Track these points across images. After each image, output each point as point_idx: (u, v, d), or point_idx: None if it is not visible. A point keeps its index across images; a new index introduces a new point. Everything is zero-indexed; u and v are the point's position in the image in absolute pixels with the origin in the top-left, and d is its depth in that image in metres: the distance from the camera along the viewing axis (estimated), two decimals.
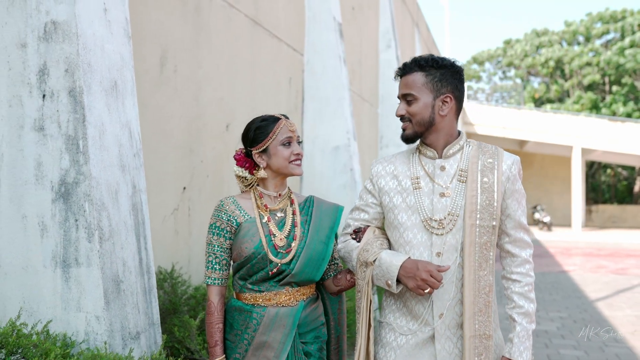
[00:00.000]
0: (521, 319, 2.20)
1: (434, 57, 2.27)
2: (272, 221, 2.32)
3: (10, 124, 2.72)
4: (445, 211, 2.20)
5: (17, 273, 2.67)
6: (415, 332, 2.22)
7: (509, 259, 2.27)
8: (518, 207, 2.25)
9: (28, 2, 2.73)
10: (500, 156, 2.26)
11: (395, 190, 2.30)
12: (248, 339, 2.27)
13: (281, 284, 2.28)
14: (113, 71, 2.87)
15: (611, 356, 5.76)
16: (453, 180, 2.24)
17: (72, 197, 2.61)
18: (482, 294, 2.16)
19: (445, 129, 2.26)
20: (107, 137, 2.74)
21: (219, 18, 5.07)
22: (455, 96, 2.25)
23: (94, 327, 2.56)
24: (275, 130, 2.32)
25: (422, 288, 2.09)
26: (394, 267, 2.14)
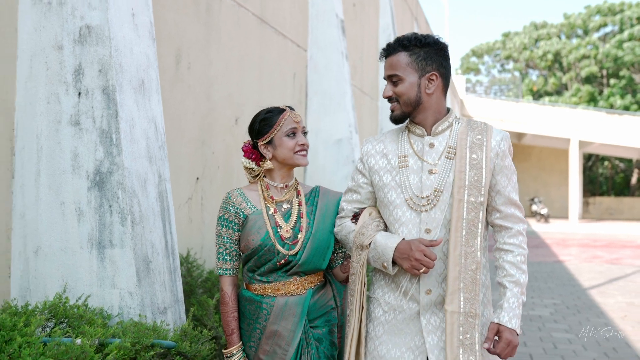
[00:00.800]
0: (512, 287, 2.17)
1: (417, 35, 2.26)
2: (279, 213, 2.36)
3: (48, 119, 2.99)
4: (431, 188, 2.20)
5: (56, 254, 2.95)
6: (402, 307, 2.23)
7: (503, 232, 2.25)
8: (508, 184, 2.23)
9: (64, 8, 3.00)
10: (489, 132, 2.25)
11: (384, 169, 2.29)
12: (260, 329, 2.32)
13: (289, 274, 2.33)
14: (140, 71, 3.14)
15: (602, 340, 6.07)
16: (441, 157, 2.24)
17: (107, 185, 2.89)
18: (469, 270, 2.14)
19: (433, 106, 2.25)
20: (136, 131, 3.02)
21: (228, 17, 5.33)
22: (440, 73, 2.25)
23: (127, 302, 2.84)
24: (279, 121, 2.36)
25: (416, 268, 2.11)
26: (389, 249, 2.16)
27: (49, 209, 2.97)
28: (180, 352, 2.50)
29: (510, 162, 2.27)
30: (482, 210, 2.17)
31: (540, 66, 38.82)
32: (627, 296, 8.64)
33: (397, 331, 2.23)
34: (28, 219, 3.00)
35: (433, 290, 2.19)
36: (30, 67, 3.03)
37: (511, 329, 2.13)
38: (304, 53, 7.34)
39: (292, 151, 2.36)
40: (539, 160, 34.23)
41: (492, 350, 2.14)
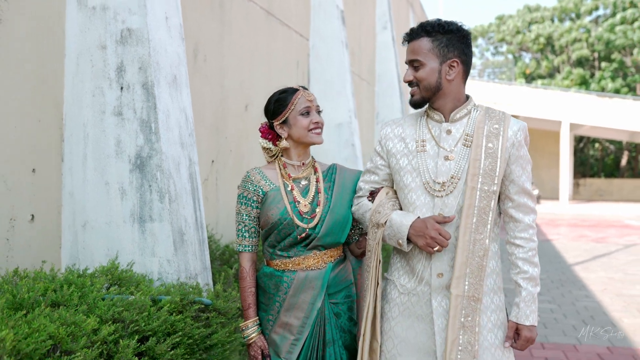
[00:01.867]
0: (526, 284, 2.22)
1: (440, 21, 2.26)
2: (296, 189, 2.41)
3: (93, 110, 3.43)
4: (448, 174, 2.22)
5: (102, 228, 3.40)
6: (416, 290, 2.26)
7: (512, 224, 2.28)
8: (522, 173, 2.25)
9: (107, 13, 3.42)
10: (506, 122, 2.25)
11: (402, 153, 2.31)
12: (280, 301, 2.37)
13: (308, 248, 2.37)
14: (173, 67, 3.58)
15: (580, 309, 6.58)
16: (458, 144, 2.25)
17: (147, 168, 3.34)
18: (476, 256, 2.17)
19: (452, 93, 2.26)
20: (171, 120, 3.46)
21: (239, 12, 5.75)
22: (462, 60, 2.25)
23: (165, 269, 3.30)
24: (293, 101, 2.41)
25: (431, 246, 2.14)
26: (404, 227, 2.19)
27: (95, 189, 3.42)
28: (216, 309, 2.96)
29: (526, 152, 2.28)
30: (494, 199, 2.20)
31: (533, 49, 39.20)
32: (609, 271, 9.18)
33: (412, 313, 2.27)
34: (76, 197, 3.45)
35: (445, 274, 2.21)
36: (77, 65, 3.47)
37: (529, 326, 2.22)
38: (306, 42, 7.76)
39: (306, 129, 2.39)
40: (531, 142, 34.37)
41: (513, 346, 2.27)
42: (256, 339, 2.39)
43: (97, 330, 2.22)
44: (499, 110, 2.29)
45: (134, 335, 2.37)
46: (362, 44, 10.96)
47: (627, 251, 11.71)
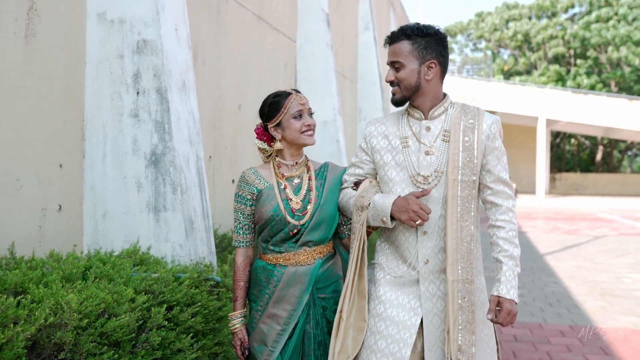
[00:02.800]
0: (507, 260, 2.30)
1: (419, 25, 2.38)
2: (289, 187, 2.50)
3: (112, 112, 3.86)
4: (431, 168, 2.35)
5: (120, 217, 3.83)
6: (403, 274, 2.38)
7: (493, 209, 2.38)
8: (498, 163, 2.37)
9: (124, 26, 3.85)
10: (481, 116, 2.38)
11: (385, 149, 2.43)
12: (269, 294, 2.47)
13: (299, 244, 2.46)
14: (182, 74, 4.01)
15: (548, 293, 7.13)
16: (437, 139, 2.37)
17: (161, 164, 3.78)
18: (464, 242, 2.28)
19: (431, 92, 2.38)
20: (181, 121, 3.90)
21: (233, 17, 6.18)
22: (439, 62, 2.38)
23: (178, 252, 3.75)
24: (286, 104, 2.49)
25: (413, 220, 2.24)
26: (387, 205, 2.30)
27: (114, 182, 3.85)
28: (225, 285, 3.41)
29: (500, 143, 2.41)
30: (474, 188, 2.33)
31: (510, 46, 39.94)
32: (577, 260, 9.76)
33: (397, 294, 2.38)
34: (97, 190, 3.88)
35: (430, 260, 2.34)
36: (97, 72, 3.89)
37: (510, 299, 2.26)
38: (293, 44, 8.20)
39: (299, 132, 2.48)
40: (509, 137, 35.38)
41: (495, 320, 2.28)
42: (238, 330, 2.50)
43: (134, 299, 2.67)
44: (474, 106, 2.42)
45: (162, 304, 2.82)
46: (344, 43, 11.43)
47: (596, 242, 12.33)
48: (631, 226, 16.11)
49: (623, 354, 4.76)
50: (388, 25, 16.83)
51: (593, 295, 7.02)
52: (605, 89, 35.74)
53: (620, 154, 42.06)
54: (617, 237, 13.39)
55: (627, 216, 19.46)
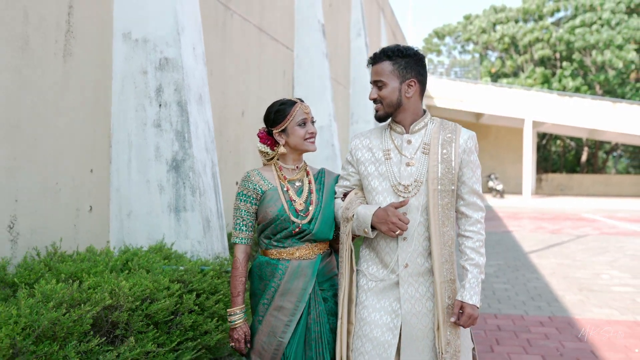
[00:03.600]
0: (472, 269, 2.48)
1: (399, 47, 2.53)
2: (292, 189, 2.64)
3: (136, 122, 4.29)
4: (411, 178, 2.50)
5: (144, 217, 4.27)
6: (383, 278, 2.52)
7: (463, 220, 2.55)
8: (472, 176, 2.52)
9: (147, 45, 4.28)
10: (458, 132, 2.53)
11: (369, 161, 2.57)
12: (275, 287, 2.58)
13: (302, 240, 2.60)
14: (199, 88, 4.45)
15: (530, 288, 7.61)
16: (417, 152, 2.52)
17: (181, 169, 4.21)
18: (447, 246, 2.46)
19: (411, 108, 2.53)
20: (199, 131, 4.34)
21: (237, 30, 6.61)
22: (418, 80, 2.53)
23: (197, 249, 4.18)
24: (292, 112, 2.62)
25: (393, 230, 2.40)
26: (368, 217, 2.46)
27: (138, 185, 4.28)
28: None
29: (476, 157, 2.57)
30: (453, 197, 2.50)
31: (498, 48, 40.57)
32: (559, 258, 10.27)
33: (378, 298, 2.52)
34: (122, 192, 4.31)
35: (410, 264, 2.48)
36: (122, 86, 4.32)
37: (472, 304, 2.44)
38: (291, 53, 8.65)
39: (302, 139, 2.62)
40: (496, 138, 35.95)
41: (457, 322, 2.46)
42: (242, 324, 2.59)
43: (169, 287, 3.11)
44: (452, 122, 2.58)
45: (192, 292, 3.26)
46: (338, 49, 11.89)
47: (578, 241, 12.86)
48: (613, 226, 16.67)
49: (595, 341, 5.25)
50: (378, 29, 17.32)
51: (572, 290, 7.51)
52: (590, 92, 36.42)
53: (606, 155, 42.80)
54: (599, 236, 13.93)
55: (610, 216, 20.05)
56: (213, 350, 3.34)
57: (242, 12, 6.70)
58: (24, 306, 2.31)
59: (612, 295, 7.27)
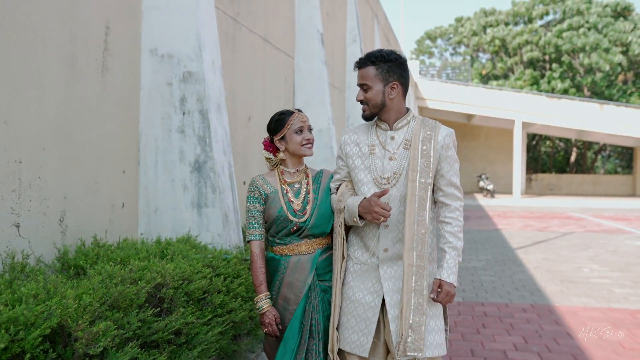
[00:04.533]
0: (450, 251, 2.69)
1: (382, 52, 2.72)
2: (290, 191, 2.89)
3: (162, 129, 4.83)
4: (392, 170, 2.71)
5: (169, 212, 4.80)
6: (367, 261, 2.76)
7: (443, 207, 2.76)
8: (450, 169, 2.72)
9: (172, 60, 4.82)
10: (437, 129, 2.72)
11: (356, 155, 2.79)
12: (279, 280, 2.85)
13: (301, 237, 2.85)
14: (217, 98, 4.99)
15: (515, 280, 8.19)
16: (400, 147, 2.72)
17: (203, 170, 4.75)
18: (419, 233, 2.64)
19: (394, 108, 2.74)
20: (218, 135, 4.88)
21: (245, 41, 7.15)
22: (400, 82, 2.72)
23: (217, 240, 4.72)
24: (289, 121, 2.87)
25: (376, 218, 2.60)
26: (355, 207, 2.67)
27: (164, 184, 4.82)
28: None
29: (454, 153, 2.75)
30: (429, 189, 2.68)
31: (488, 50, 41.26)
32: (544, 254, 10.87)
33: (362, 279, 2.76)
34: (149, 190, 4.85)
35: (389, 249, 2.71)
36: (150, 96, 4.85)
37: (450, 282, 2.66)
38: (292, 61, 9.20)
39: (299, 145, 2.87)
40: (487, 139, 36.56)
41: (436, 299, 2.66)
42: (269, 308, 2.80)
43: (201, 271, 3.65)
44: (433, 120, 2.78)
45: (220, 275, 3.81)
46: (334, 55, 12.45)
47: (563, 238, 13.48)
48: (598, 224, 17.30)
49: (571, 324, 5.82)
50: (372, 34, 17.90)
51: (554, 282, 8.10)
52: (578, 94, 37.15)
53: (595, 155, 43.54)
54: (583, 233, 14.55)
55: (596, 215, 20.71)
56: (237, 326, 3.88)
57: (249, 24, 7.24)
58: (96, 282, 2.86)
59: (591, 286, 7.86)
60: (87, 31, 4.16)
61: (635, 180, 35.76)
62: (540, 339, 5.32)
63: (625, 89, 37.81)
